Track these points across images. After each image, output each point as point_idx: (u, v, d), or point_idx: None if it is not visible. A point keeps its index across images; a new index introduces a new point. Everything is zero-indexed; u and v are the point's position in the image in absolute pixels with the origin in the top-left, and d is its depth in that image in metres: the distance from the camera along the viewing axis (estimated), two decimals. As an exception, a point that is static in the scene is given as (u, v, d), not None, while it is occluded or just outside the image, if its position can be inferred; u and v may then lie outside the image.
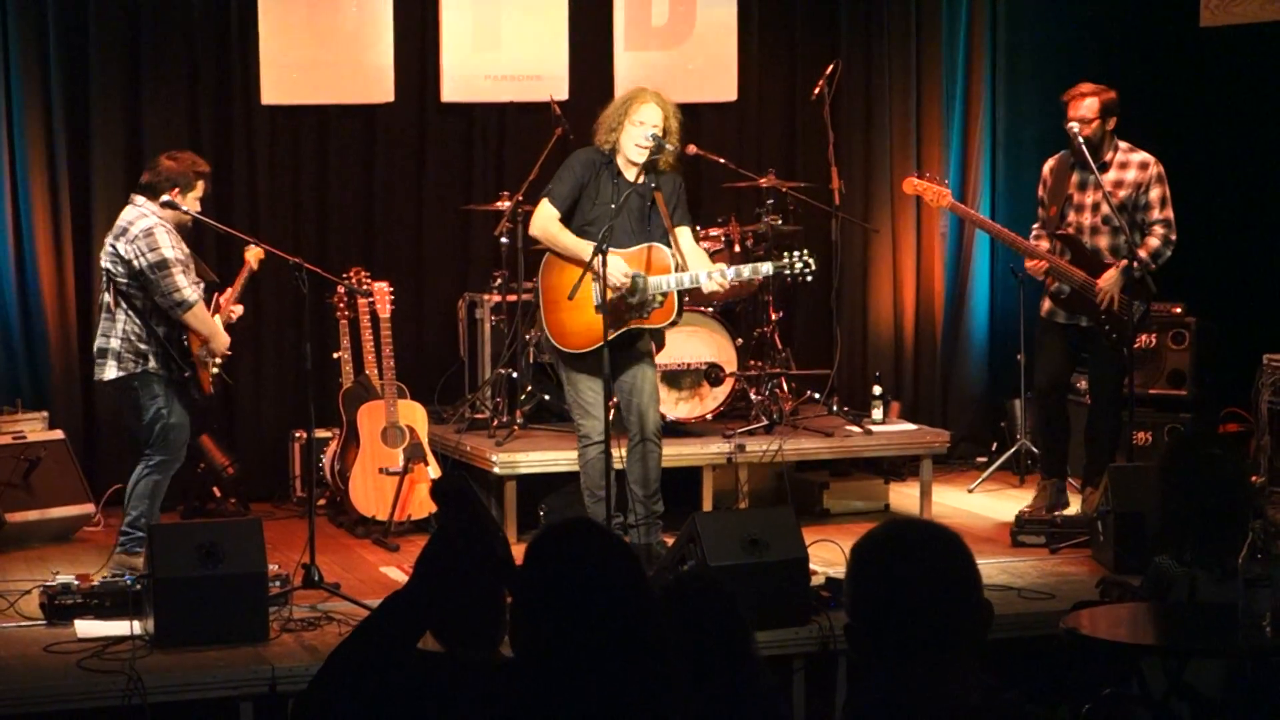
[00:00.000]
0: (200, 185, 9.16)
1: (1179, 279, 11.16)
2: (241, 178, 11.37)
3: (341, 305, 10.71)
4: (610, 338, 8.96)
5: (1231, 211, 12.26)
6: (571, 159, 9.26)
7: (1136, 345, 10.38)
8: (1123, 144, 10.20)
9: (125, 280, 8.98)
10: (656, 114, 9.03)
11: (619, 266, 8.93)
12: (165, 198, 9.00)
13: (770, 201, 11.05)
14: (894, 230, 12.48)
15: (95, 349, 9.13)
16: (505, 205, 10.78)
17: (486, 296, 11.11)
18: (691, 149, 11.12)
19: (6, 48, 10.79)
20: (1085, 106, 10.09)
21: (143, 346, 8.99)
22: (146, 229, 8.95)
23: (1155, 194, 10.12)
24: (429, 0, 11.61)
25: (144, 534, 8.89)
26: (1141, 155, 10.17)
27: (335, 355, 10.76)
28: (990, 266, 12.42)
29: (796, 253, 9.16)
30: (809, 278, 9.24)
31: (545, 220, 9.08)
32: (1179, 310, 11.51)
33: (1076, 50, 12.37)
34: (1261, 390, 10.82)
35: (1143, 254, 9.99)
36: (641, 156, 9.01)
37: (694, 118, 12.06)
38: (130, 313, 8.99)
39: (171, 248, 8.94)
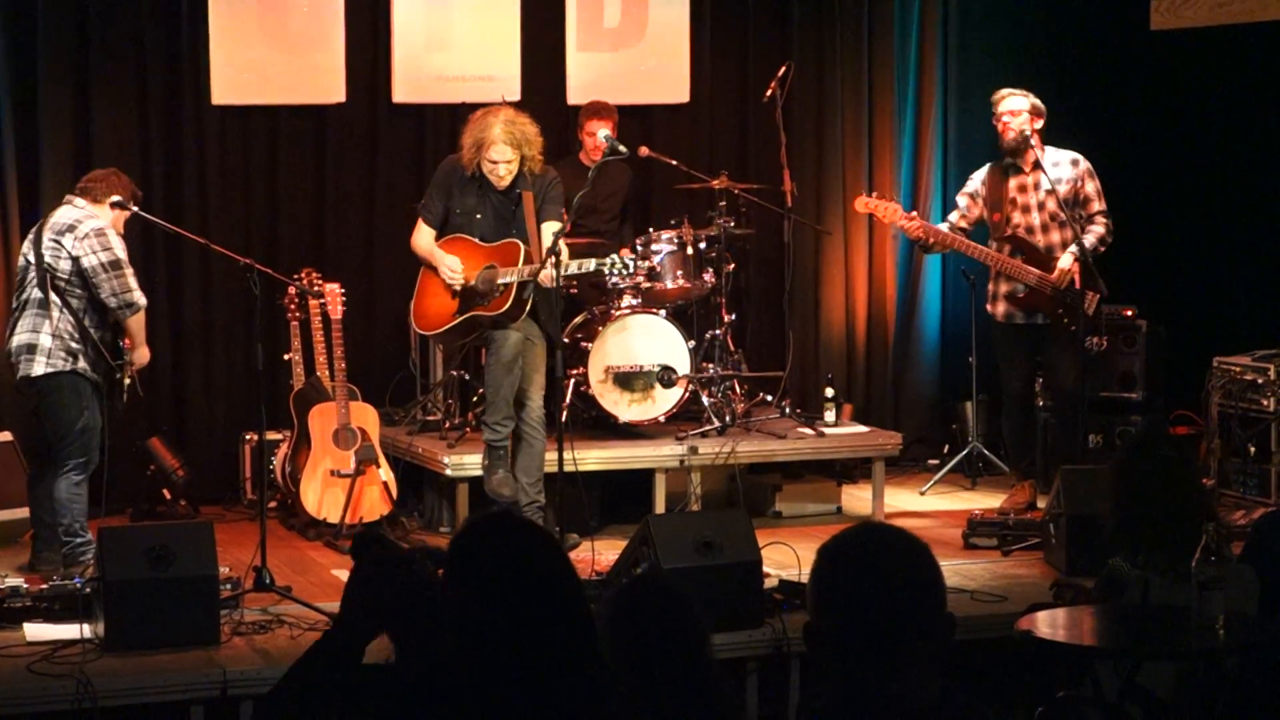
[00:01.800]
0: (130, 210, 9.22)
1: (1130, 282, 11.21)
2: (192, 178, 11.30)
3: (293, 306, 10.66)
4: (455, 323, 9.60)
5: (1182, 214, 12.32)
6: (438, 173, 9.82)
7: (1087, 347, 10.43)
8: (1047, 146, 10.40)
9: (66, 277, 8.96)
10: (507, 152, 9.42)
11: (453, 264, 9.55)
12: (115, 197, 9.01)
13: (723, 203, 11.05)
14: (846, 232, 12.48)
15: (17, 345, 9.09)
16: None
17: (438, 298, 11.07)
18: (644, 151, 11.17)
19: (-46, 51, 10.74)
20: (1014, 103, 10.42)
21: (74, 345, 8.98)
22: (98, 228, 8.98)
23: (1091, 187, 10.46)
24: (380, 0, 11.57)
25: (81, 539, 8.99)
26: (1069, 153, 10.52)
27: (286, 357, 10.71)
28: (942, 269, 12.44)
29: (619, 256, 9.61)
30: (626, 279, 9.89)
31: (419, 239, 9.84)
32: (1130, 313, 11.55)
33: (1028, 52, 12.42)
34: (1211, 393, 10.87)
35: (1091, 239, 10.30)
36: (504, 184, 9.50)
37: (646, 119, 12.11)
38: (65, 310, 8.96)
39: (123, 250, 9.01)
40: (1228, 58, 12.13)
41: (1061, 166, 10.43)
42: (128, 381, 9.21)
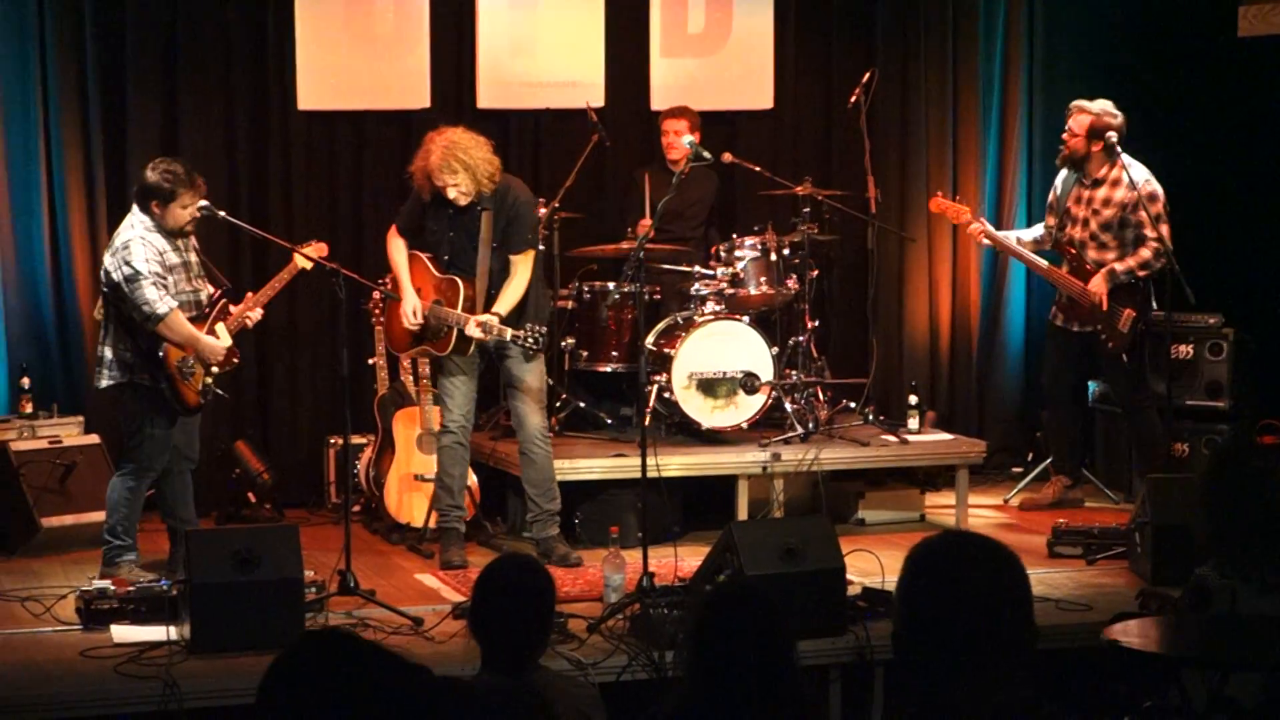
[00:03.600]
0: (184, 194, 8.96)
1: (1217, 289, 11.13)
2: (277, 183, 11.38)
3: (377, 311, 10.70)
4: (412, 351, 9.87)
5: (1271, 221, 12.20)
6: (412, 193, 9.69)
7: (1174, 356, 10.59)
8: (1125, 160, 10.49)
9: (110, 291, 8.98)
10: (448, 177, 9.34)
11: (415, 308, 9.52)
12: (203, 203, 9.01)
13: (806, 210, 11.02)
14: (930, 239, 12.44)
15: (96, 357, 9.19)
16: (541, 212, 10.76)
17: (522, 303, 11.09)
18: (727, 157, 11.15)
19: (44, 56, 10.81)
20: (1074, 122, 10.64)
21: (128, 357, 8.97)
22: (125, 241, 8.91)
23: (1145, 214, 10.51)
24: (466, 6, 11.61)
25: (123, 541, 9.05)
26: (1138, 172, 10.58)
27: (370, 361, 10.75)
28: (1027, 276, 12.35)
29: (531, 326, 9.32)
30: (534, 351, 9.41)
31: (390, 246, 9.75)
32: (1215, 321, 11.45)
33: (1114, 60, 12.32)
34: (1299, 402, 10.81)
35: (1129, 263, 10.54)
36: (464, 203, 9.42)
37: (730, 125, 12.10)
38: (116, 323, 8.99)
39: (144, 260, 8.84)
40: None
41: (1119, 188, 10.57)
42: (206, 382, 9.13)
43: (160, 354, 8.96)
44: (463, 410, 9.64)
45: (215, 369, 9.11)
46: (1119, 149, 10.48)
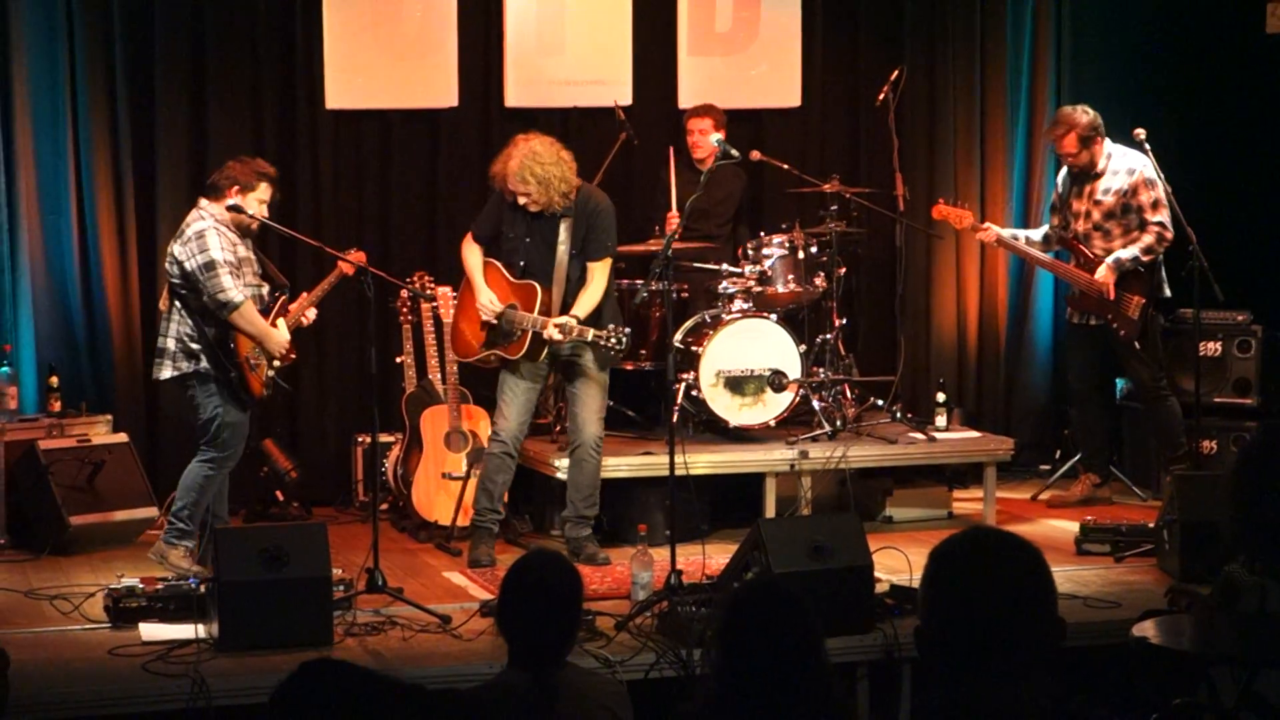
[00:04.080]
0: (264, 187, 9.19)
1: (1245, 286, 11.10)
2: (305, 182, 11.39)
3: (405, 310, 10.72)
4: (479, 356, 9.74)
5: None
6: (493, 195, 9.69)
7: (1202, 353, 10.62)
8: (1116, 149, 10.68)
9: (179, 281, 9.10)
10: (521, 185, 9.35)
11: (491, 299, 9.53)
12: (231, 200, 9.08)
13: (834, 207, 11.02)
14: (958, 236, 12.40)
15: (156, 349, 9.27)
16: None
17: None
18: (755, 155, 11.16)
19: (72, 55, 10.84)
20: (1067, 143, 10.69)
21: (194, 346, 9.09)
22: (199, 231, 9.06)
23: (1144, 198, 10.64)
24: (493, 4, 11.61)
25: (186, 526, 9.14)
26: (1128, 162, 10.66)
27: (398, 359, 10.77)
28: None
29: (614, 327, 9.36)
30: (616, 352, 9.39)
31: (465, 251, 9.74)
32: (1243, 318, 11.43)
33: (1142, 56, 12.30)
34: (1330, 397, 10.79)
35: (1133, 249, 10.60)
36: (536, 210, 9.42)
37: (757, 123, 12.10)
38: (183, 313, 9.10)
39: (220, 249, 9.02)
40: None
41: (1118, 176, 10.64)
42: (269, 374, 9.24)
43: (231, 344, 9.11)
44: (519, 419, 9.64)
45: (277, 362, 9.25)
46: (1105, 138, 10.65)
